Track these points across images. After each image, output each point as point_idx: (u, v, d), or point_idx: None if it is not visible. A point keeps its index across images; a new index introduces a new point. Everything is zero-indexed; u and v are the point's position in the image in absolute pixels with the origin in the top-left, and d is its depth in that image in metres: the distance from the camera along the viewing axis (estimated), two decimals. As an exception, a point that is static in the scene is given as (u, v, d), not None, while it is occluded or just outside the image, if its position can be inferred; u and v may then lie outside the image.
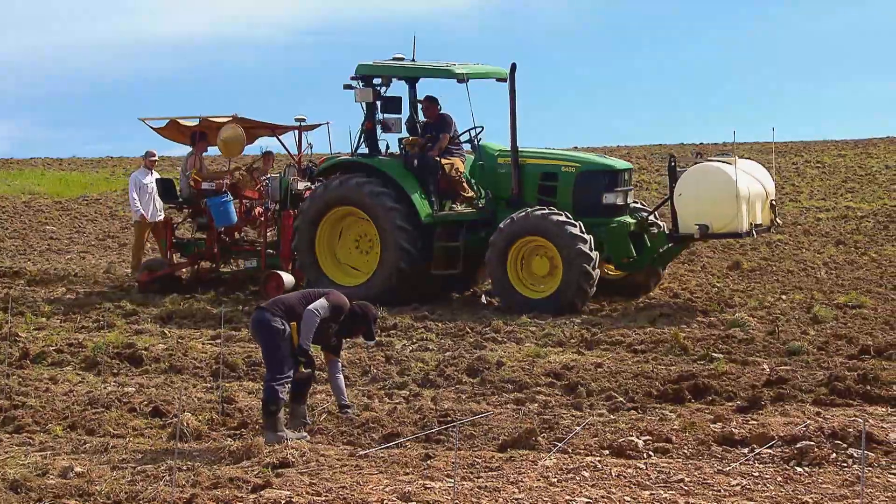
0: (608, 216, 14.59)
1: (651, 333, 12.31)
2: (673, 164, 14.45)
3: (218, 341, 12.45)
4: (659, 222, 15.04)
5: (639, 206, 15.24)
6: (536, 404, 9.55)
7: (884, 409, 9.05)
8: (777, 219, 14.82)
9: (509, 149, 14.82)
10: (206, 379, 10.96)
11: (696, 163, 14.41)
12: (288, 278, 15.40)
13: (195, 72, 69.13)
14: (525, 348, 11.92)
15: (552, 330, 12.74)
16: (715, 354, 11.20)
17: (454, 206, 15.27)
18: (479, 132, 15.32)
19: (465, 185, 15.18)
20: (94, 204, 29.12)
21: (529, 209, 14.22)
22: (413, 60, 15.42)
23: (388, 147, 15.57)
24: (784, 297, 14.68)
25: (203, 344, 12.63)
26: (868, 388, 9.50)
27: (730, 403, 9.39)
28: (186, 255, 16.97)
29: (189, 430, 8.70)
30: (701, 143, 34.11)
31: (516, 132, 14.66)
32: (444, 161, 15.07)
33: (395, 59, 15.42)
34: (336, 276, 15.06)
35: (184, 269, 16.99)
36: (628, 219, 14.75)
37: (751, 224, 13.91)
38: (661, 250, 14.68)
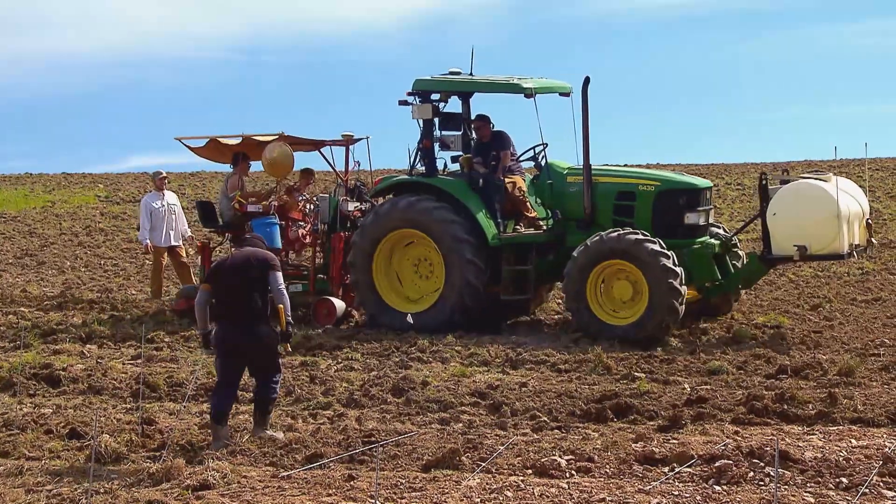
0: (690, 237, 13.89)
1: (575, 353, 12.41)
2: (764, 182, 13.60)
3: (139, 361, 12.26)
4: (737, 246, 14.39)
5: (719, 229, 14.55)
6: (461, 424, 9.57)
7: (800, 428, 9.22)
8: (872, 238, 14.04)
9: (579, 167, 14.04)
10: (126, 399, 10.78)
11: (783, 182, 13.62)
12: (339, 304, 14.63)
13: (117, 88, 68.28)
14: (450, 368, 11.94)
15: (477, 350, 12.77)
16: (637, 374, 11.34)
17: (518, 227, 14.60)
18: (544, 149, 14.57)
19: (528, 204, 14.58)
20: (11, 222, 28.54)
21: (621, 230, 13.35)
22: (471, 74, 14.73)
23: (445, 166, 14.91)
24: (705, 316, 14.91)
25: (123, 364, 12.41)
26: (785, 407, 9.68)
27: (651, 422, 9.50)
28: None
29: (107, 451, 8.54)
30: (625, 164, 34.55)
31: (588, 149, 13.83)
32: (506, 180, 14.48)
33: (451, 73, 14.74)
34: (394, 301, 14.30)
35: None
36: (711, 240, 14.08)
37: (850, 244, 13.24)
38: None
